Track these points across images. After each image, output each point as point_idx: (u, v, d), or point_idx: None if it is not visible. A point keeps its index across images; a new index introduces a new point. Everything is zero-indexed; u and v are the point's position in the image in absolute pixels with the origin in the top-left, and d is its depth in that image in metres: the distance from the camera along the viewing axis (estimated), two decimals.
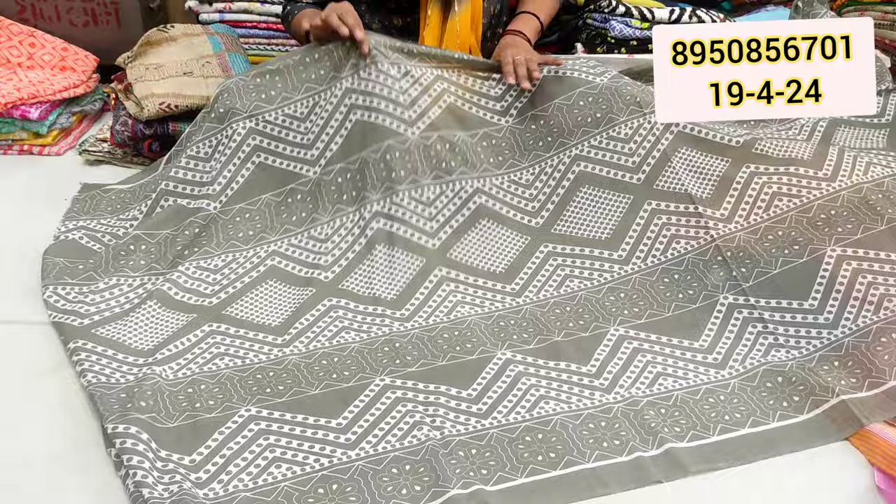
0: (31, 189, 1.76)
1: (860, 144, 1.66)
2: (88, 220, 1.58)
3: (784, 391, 1.20)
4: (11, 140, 1.89)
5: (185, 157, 1.56)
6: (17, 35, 2.02)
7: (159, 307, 1.37)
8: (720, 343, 1.30)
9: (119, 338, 1.30)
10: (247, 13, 2.18)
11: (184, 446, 1.10)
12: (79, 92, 1.97)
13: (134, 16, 2.12)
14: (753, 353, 1.27)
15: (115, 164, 1.86)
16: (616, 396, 1.20)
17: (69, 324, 1.32)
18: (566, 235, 1.49)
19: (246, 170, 1.54)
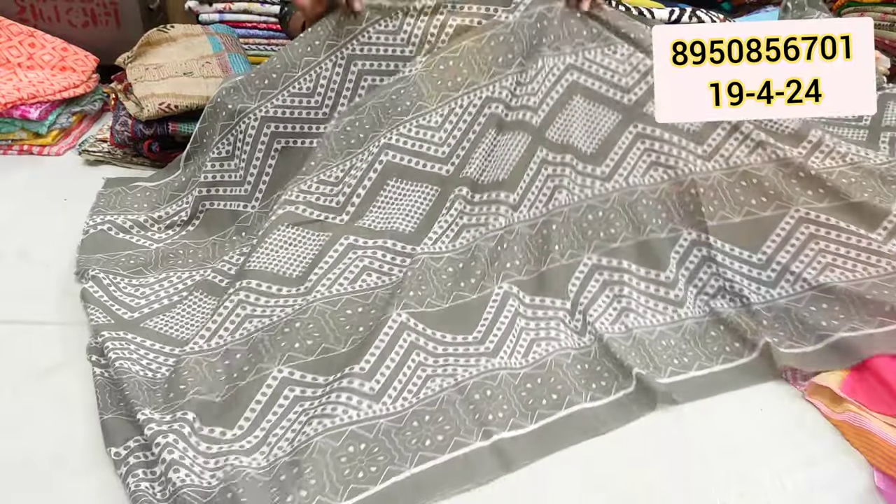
0: (30, 189, 1.76)
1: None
2: (115, 216, 1.59)
3: (726, 338, 1.30)
4: (11, 140, 1.89)
5: (209, 160, 1.57)
6: (17, 35, 2.02)
7: (203, 295, 1.39)
8: (680, 279, 1.39)
9: (166, 331, 1.32)
10: (246, 13, 2.18)
11: (226, 420, 1.13)
12: (79, 92, 1.97)
13: (133, 16, 2.12)
14: (703, 295, 1.38)
15: (115, 164, 1.86)
16: (590, 338, 1.29)
17: (119, 315, 1.34)
18: (557, 143, 1.48)
19: (272, 158, 1.55)
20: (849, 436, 1.16)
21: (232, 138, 1.56)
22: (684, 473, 1.10)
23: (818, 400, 1.22)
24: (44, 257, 1.52)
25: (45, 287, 1.44)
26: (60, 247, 1.55)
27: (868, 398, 1.18)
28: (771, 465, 1.11)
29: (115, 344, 1.25)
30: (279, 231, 1.38)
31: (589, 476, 1.09)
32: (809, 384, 1.24)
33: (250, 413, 1.14)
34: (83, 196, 1.72)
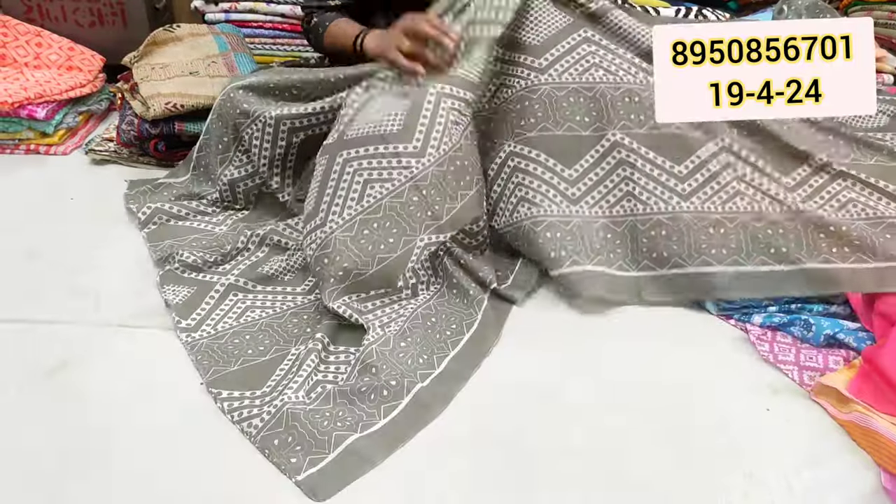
0: (37, 188, 1.77)
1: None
2: (163, 205, 1.64)
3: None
4: (18, 139, 1.89)
5: (237, 153, 1.62)
6: (24, 35, 2.03)
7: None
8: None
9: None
10: (252, 13, 2.18)
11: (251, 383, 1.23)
12: (85, 91, 1.98)
13: (140, 16, 2.12)
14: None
15: (122, 163, 1.86)
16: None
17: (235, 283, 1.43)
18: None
19: (293, 149, 1.60)
20: (855, 436, 1.15)
21: (248, 136, 1.58)
22: (690, 473, 1.10)
23: (824, 400, 1.21)
24: (50, 256, 1.53)
25: (51, 286, 1.45)
26: (67, 246, 1.56)
27: (875, 398, 1.18)
28: (777, 464, 1.11)
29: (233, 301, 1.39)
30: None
31: (595, 472, 1.09)
32: (816, 384, 1.24)
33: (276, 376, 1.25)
34: (89, 195, 1.74)
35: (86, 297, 1.41)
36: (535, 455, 1.12)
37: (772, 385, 1.27)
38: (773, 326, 1.39)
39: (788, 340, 1.37)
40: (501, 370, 1.29)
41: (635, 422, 1.18)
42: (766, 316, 1.40)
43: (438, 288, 1.41)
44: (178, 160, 1.84)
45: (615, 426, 1.18)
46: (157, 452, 1.11)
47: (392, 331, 1.28)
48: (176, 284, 1.43)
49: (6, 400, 1.19)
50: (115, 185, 1.79)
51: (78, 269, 1.49)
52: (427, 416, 1.17)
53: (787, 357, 1.33)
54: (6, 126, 1.87)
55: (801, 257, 1.38)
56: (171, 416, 1.17)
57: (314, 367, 1.23)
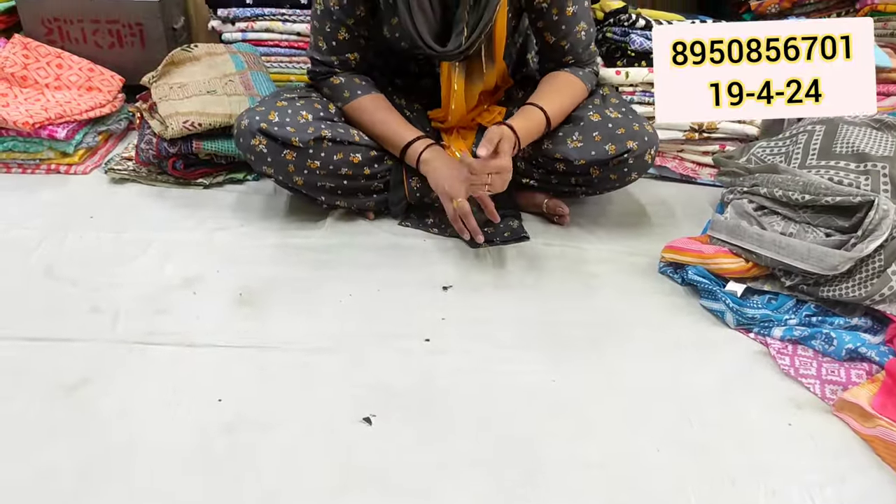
0: (57, 207, 1.78)
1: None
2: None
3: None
4: (39, 159, 1.92)
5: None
6: (45, 57, 2.05)
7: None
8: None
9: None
10: (269, 32, 2.20)
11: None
12: (105, 111, 2.00)
13: (158, 36, 2.15)
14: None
15: (140, 181, 1.88)
16: None
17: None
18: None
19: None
20: (880, 451, 1.14)
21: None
22: (713, 489, 1.08)
23: (847, 415, 1.20)
24: (70, 274, 1.54)
25: (71, 304, 1.46)
26: (87, 264, 1.58)
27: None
28: (800, 480, 1.09)
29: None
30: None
31: (614, 487, 1.08)
32: (838, 399, 1.22)
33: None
34: (109, 213, 1.76)
35: (104, 315, 1.42)
36: (552, 469, 1.11)
37: (794, 399, 1.25)
38: (794, 340, 1.37)
39: (809, 354, 1.35)
40: (518, 382, 1.29)
41: (655, 437, 1.17)
42: (786, 329, 1.39)
43: None
44: (195, 178, 1.86)
45: (634, 441, 1.17)
46: (175, 469, 1.11)
47: None
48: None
49: (27, 417, 1.20)
50: (133, 203, 1.81)
51: (97, 287, 1.50)
52: None
53: (808, 371, 1.31)
54: (27, 146, 1.89)
55: None
56: (190, 433, 1.17)
57: None
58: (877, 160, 1.50)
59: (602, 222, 1.77)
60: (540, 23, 1.63)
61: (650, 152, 1.60)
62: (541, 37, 1.66)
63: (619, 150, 1.57)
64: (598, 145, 1.58)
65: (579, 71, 1.66)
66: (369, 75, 1.72)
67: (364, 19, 1.63)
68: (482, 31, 1.53)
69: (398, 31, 1.62)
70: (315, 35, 1.66)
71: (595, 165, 1.60)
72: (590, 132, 1.60)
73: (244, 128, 1.59)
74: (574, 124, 1.63)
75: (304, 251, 1.64)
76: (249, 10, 2.18)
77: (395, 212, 1.74)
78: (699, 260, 1.50)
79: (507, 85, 1.79)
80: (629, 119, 1.60)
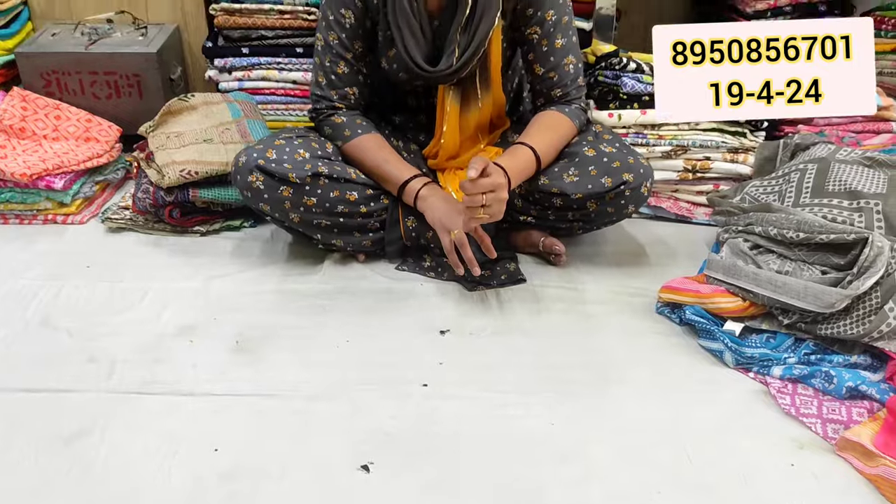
0: (54, 257, 1.78)
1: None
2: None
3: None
4: (36, 210, 1.92)
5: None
6: (44, 108, 2.07)
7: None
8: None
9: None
10: (265, 80, 2.23)
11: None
12: (102, 161, 2.01)
13: (155, 87, 2.17)
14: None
15: (137, 230, 1.88)
16: None
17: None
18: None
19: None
20: (884, 491, 1.13)
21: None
22: None
23: (850, 454, 1.19)
24: (67, 324, 1.54)
25: (67, 354, 1.45)
26: (83, 313, 1.58)
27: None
28: None
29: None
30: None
31: None
32: (840, 438, 1.21)
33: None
34: (106, 263, 1.76)
35: (101, 365, 1.42)
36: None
37: (796, 439, 1.24)
38: (794, 378, 1.37)
39: (810, 393, 1.35)
40: (518, 426, 1.28)
41: (656, 479, 1.16)
42: (785, 368, 1.38)
43: None
44: (192, 226, 1.86)
45: (637, 483, 1.16)
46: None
47: None
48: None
49: (24, 468, 1.19)
50: (130, 251, 1.81)
51: (94, 337, 1.50)
52: None
53: (809, 410, 1.31)
54: (24, 197, 1.90)
55: None
56: (187, 482, 1.16)
57: None
58: (869, 197, 1.51)
59: (599, 262, 1.77)
60: (530, 55, 1.68)
61: (646, 185, 1.62)
62: (531, 69, 1.70)
63: (615, 183, 1.59)
64: (594, 179, 1.60)
65: (566, 108, 1.69)
66: (367, 116, 1.75)
67: (362, 54, 1.68)
68: (473, 53, 1.58)
69: (395, 61, 1.66)
70: (316, 71, 1.70)
71: (592, 199, 1.62)
72: (585, 166, 1.61)
73: (241, 165, 1.60)
74: (570, 159, 1.65)
75: (302, 297, 1.64)
76: (246, 59, 2.20)
77: (391, 252, 1.75)
78: (696, 300, 1.50)
79: (504, 125, 1.81)
80: (623, 153, 1.62)
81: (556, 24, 1.64)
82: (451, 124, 1.70)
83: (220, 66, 2.22)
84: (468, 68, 1.62)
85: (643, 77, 1.86)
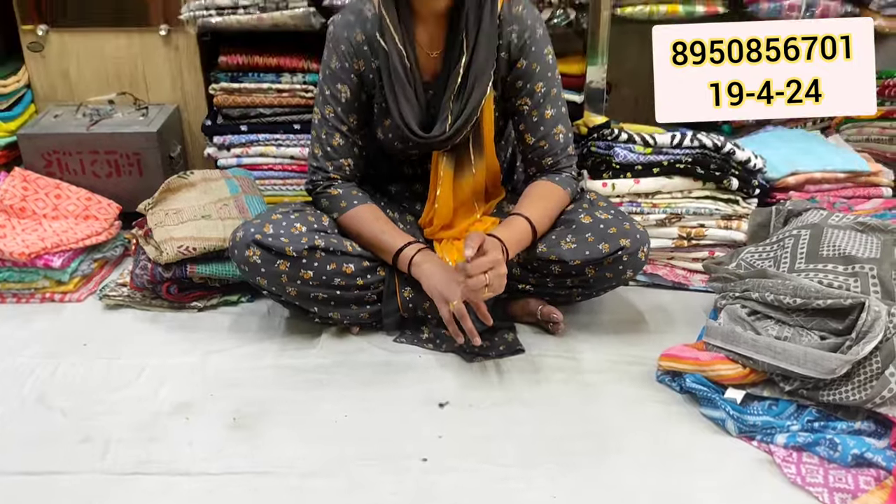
0: (51, 336, 1.78)
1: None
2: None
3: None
4: (34, 289, 1.92)
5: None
6: (44, 188, 2.09)
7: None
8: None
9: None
10: (263, 156, 2.26)
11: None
12: (101, 239, 2.02)
13: (155, 164, 2.20)
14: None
15: (135, 307, 1.88)
16: None
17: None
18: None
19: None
20: None
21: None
22: None
23: None
24: (62, 403, 1.53)
25: (62, 434, 1.44)
26: (79, 392, 1.56)
27: None
28: None
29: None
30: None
31: None
32: None
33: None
34: (103, 340, 1.76)
35: (95, 444, 1.40)
36: None
37: None
38: (798, 446, 1.35)
39: (815, 461, 1.33)
40: (519, 500, 1.26)
41: None
42: (789, 436, 1.37)
43: None
44: (189, 301, 1.86)
45: None
46: None
47: None
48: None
49: None
50: (128, 328, 1.81)
51: (89, 416, 1.48)
52: None
53: (815, 479, 1.28)
54: (22, 276, 1.90)
55: None
56: None
57: None
58: (864, 262, 1.52)
59: (597, 330, 1.77)
60: (521, 125, 1.72)
61: (643, 250, 1.63)
62: (522, 139, 1.73)
63: (612, 249, 1.60)
64: (591, 245, 1.61)
65: (556, 177, 1.72)
66: (363, 187, 1.77)
67: (357, 127, 1.72)
68: (466, 120, 1.62)
69: (391, 130, 1.70)
70: (312, 144, 1.74)
71: (590, 265, 1.63)
72: (582, 233, 1.63)
73: (239, 240, 1.61)
74: (566, 226, 1.67)
75: (299, 372, 1.63)
76: (244, 136, 2.24)
77: (389, 324, 1.74)
78: (696, 367, 1.49)
79: (500, 195, 1.84)
80: (619, 219, 1.64)
81: (546, 96, 1.68)
82: (445, 189, 1.71)
83: (219, 144, 2.25)
84: (461, 135, 1.66)
85: (635, 147, 1.89)
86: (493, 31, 1.62)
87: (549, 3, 2.07)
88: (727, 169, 1.85)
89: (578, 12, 2.09)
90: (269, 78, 2.21)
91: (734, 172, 1.85)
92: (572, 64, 2.16)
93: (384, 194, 1.86)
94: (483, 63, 1.61)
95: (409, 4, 1.61)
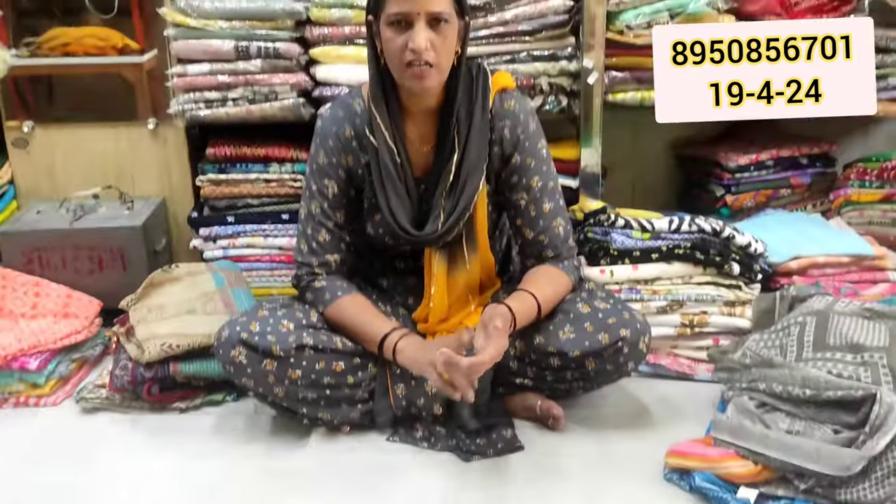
0: (24, 443, 1.70)
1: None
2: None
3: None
4: (7, 393, 1.84)
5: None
6: (22, 286, 2.04)
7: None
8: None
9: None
10: (250, 247, 2.22)
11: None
12: (80, 338, 1.95)
13: (139, 259, 2.15)
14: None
15: (113, 409, 1.80)
16: None
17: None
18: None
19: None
20: None
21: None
22: None
23: None
24: None
25: None
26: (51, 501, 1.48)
27: None
28: None
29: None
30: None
31: None
32: None
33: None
34: (78, 447, 1.68)
35: None
36: None
37: None
38: None
39: None
40: None
41: None
42: None
43: None
44: (172, 402, 1.79)
45: None
46: None
47: None
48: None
49: None
50: (105, 434, 1.73)
51: None
52: None
53: None
54: None
55: None
56: None
57: None
58: (873, 350, 1.47)
59: (600, 425, 1.69)
60: (518, 220, 1.68)
61: (644, 340, 1.58)
62: (520, 233, 1.70)
63: (612, 339, 1.55)
64: (591, 335, 1.57)
65: (559, 264, 1.68)
66: (352, 280, 1.72)
67: (345, 223, 1.68)
68: (459, 217, 1.59)
69: (381, 226, 1.66)
70: (299, 239, 1.70)
71: (590, 357, 1.57)
72: (581, 323, 1.59)
73: (224, 339, 1.56)
74: (564, 316, 1.62)
75: (288, 477, 1.55)
76: (231, 227, 2.20)
77: (381, 423, 1.67)
78: (706, 465, 1.42)
79: (494, 286, 1.79)
80: (618, 309, 1.60)
81: (543, 190, 1.65)
82: (440, 286, 1.67)
83: (206, 236, 2.21)
84: (454, 232, 1.62)
85: (633, 232, 1.86)
86: (484, 127, 1.60)
87: (541, 91, 2.06)
88: (728, 254, 1.82)
89: (570, 99, 2.09)
90: (257, 168, 2.18)
91: (735, 257, 1.82)
92: (566, 149, 2.15)
93: (375, 287, 1.81)
94: (475, 159, 1.59)
95: (399, 100, 1.60)
